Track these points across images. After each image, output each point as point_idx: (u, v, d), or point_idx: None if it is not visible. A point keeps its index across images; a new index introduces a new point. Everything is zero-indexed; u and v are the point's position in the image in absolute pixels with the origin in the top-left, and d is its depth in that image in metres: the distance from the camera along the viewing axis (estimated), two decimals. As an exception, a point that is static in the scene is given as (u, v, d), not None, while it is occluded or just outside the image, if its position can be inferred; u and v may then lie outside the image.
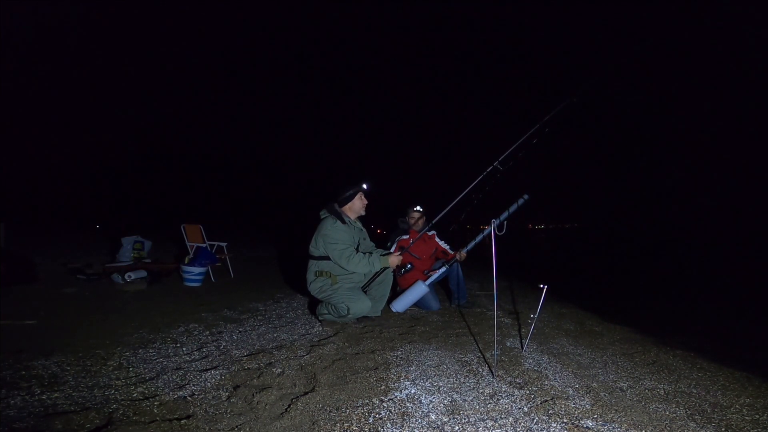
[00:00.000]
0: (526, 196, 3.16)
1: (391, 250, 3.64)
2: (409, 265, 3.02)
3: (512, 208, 3.14)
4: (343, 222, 2.84)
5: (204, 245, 4.90)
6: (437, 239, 3.74)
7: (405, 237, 3.59)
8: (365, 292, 2.91)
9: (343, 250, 2.75)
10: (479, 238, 3.40)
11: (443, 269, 3.51)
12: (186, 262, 4.53)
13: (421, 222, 3.63)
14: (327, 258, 2.83)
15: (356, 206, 2.94)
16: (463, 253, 3.50)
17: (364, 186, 2.94)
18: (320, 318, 2.93)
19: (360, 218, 3.09)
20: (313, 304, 3.68)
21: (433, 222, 3.03)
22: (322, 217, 2.90)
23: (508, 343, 2.51)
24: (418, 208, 3.63)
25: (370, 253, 2.87)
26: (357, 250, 2.87)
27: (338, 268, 2.82)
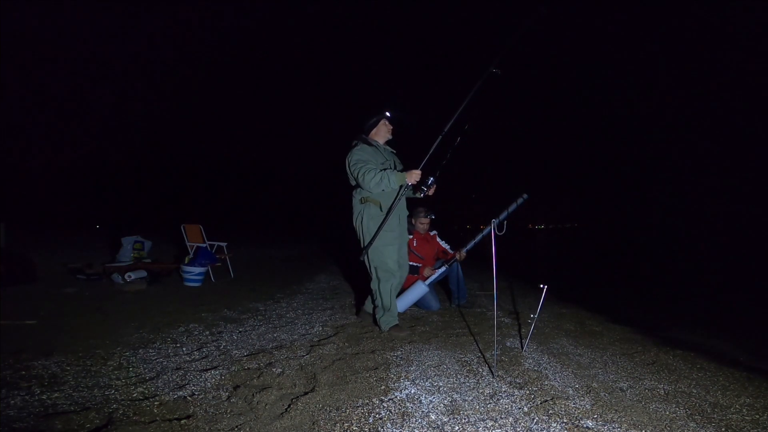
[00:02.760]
0: (525, 196, 3.15)
1: None
2: (431, 179, 2.65)
3: (512, 208, 3.13)
4: (370, 145, 2.77)
5: (204, 245, 4.90)
6: (438, 239, 3.74)
7: (409, 237, 3.59)
8: None
9: (362, 167, 2.61)
10: (479, 237, 3.40)
11: (443, 269, 3.51)
12: (186, 262, 4.53)
13: (428, 227, 3.64)
14: None
15: (382, 131, 2.86)
16: (463, 252, 3.50)
17: (387, 114, 2.87)
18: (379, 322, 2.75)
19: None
20: (314, 304, 3.69)
21: (427, 157, 2.69)
22: (352, 145, 2.82)
23: (508, 343, 2.51)
24: (432, 216, 3.60)
25: (385, 169, 2.67)
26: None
27: (381, 193, 2.69)
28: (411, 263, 3.38)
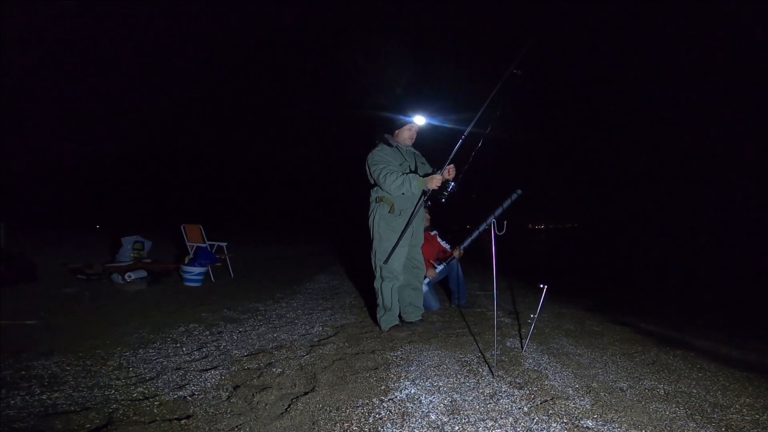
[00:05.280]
0: (519, 191, 3.14)
1: None
2: (452, 185, 2.62)
3: (506, 204, 3.13)
4: (390, 146, 2.76)
5: (204, 245, 4.90)
6: (438, 239, 3.74)
7: None
8: None
9: (382, 169, 2.61)
10: (476, 234, 3.39)
11: (441, 267, 3.51)
12: (186, 262, 4.53)
13: (427, 222, 3.60)
14: None
15: (403, 135, 2.83)
16: (461, 249, 3.49)
17: (416, 120, 2.82)
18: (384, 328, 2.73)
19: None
20: (314, 304, 3.69)
21: (448, 162, 2.68)
22: (374, 144, 2.81)
23: (508, 343, 2.51)
24: (428, 203, 3.55)
25: (408, 173, 2.66)
26: (415, 173, 2.75)
27: (397, 195, 2.68)
28: None
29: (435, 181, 2.58)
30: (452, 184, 2.63)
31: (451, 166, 2.67)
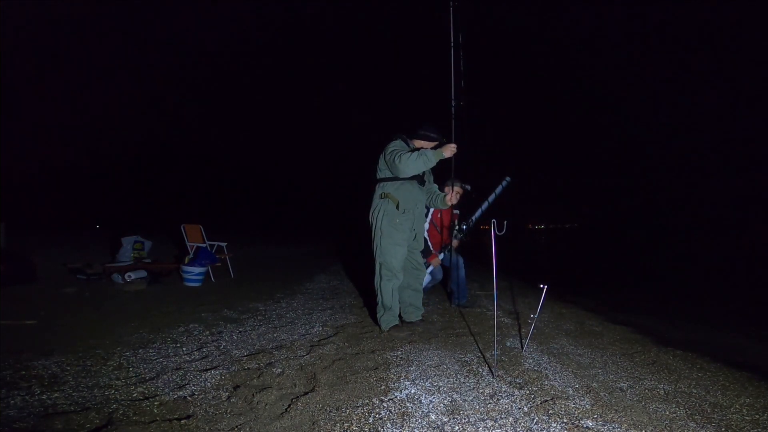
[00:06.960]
0: (508, 178, 3.13)
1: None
2: (465, 225, 2.95)
3: (498, 190, 3.13)
4: (408, 145, 2.78)
5: (204, 245, 4.90)
6: (455, 212, 3.62)
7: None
8: None
9: (399, 151, 2.64)
10: (472, 221, 3.24)
11: (441, 256, 3.50)
12: (186, 262, 4.53)
13: (456, 198, 3.40)
14: (391, 179, 2.73)
15: (428, 147, 2.84)
16: (459, 239, 3.38)
17: (445, 140, 2.87)
18: (384, 328, 2.74)
19: None
20: (314, 304, 3.69)
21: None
22: (391, 138, 2.82)
23: (508, 343, 2.51)
24: (468, 187, 3.29)
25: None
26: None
27: (401, 191, 2.71)
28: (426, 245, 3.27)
29: (449, 149, 2.65)
30: (464, 226, 2.98)
31: (457, 189, 2.99)
